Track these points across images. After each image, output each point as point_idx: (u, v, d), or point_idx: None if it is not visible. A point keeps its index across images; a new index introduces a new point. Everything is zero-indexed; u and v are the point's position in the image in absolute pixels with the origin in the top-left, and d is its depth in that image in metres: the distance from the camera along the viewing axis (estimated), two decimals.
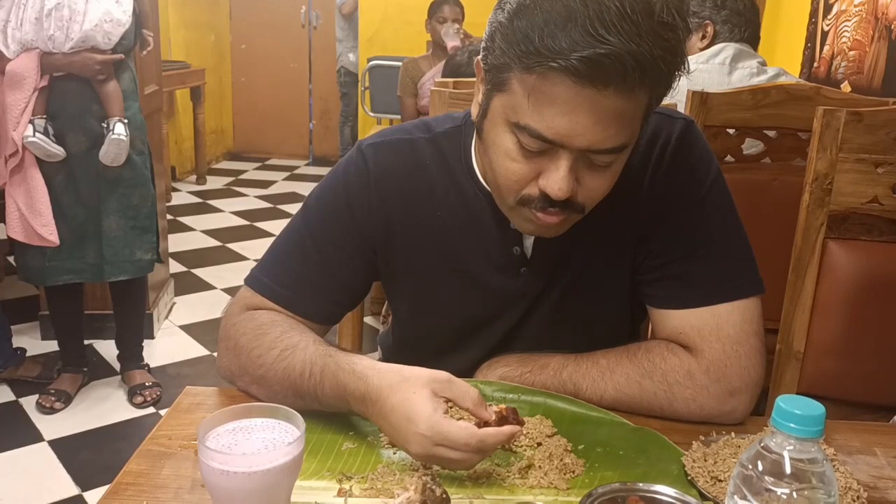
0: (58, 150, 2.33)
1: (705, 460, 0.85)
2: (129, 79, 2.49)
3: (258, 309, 1.03)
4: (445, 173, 1.03)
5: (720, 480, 0.82)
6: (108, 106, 2.37)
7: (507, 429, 0.80)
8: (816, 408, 0.54)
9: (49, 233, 2.36)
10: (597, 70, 0.75)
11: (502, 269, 1.03)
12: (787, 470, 0.54)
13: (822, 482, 0.54)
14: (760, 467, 0.55)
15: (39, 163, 2.35)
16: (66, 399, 2.63)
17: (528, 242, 1.02)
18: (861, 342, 1.41)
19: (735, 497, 0.56)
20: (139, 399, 2.66)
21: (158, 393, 2.71)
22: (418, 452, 0.80)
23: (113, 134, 2.34)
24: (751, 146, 1.79)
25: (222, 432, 0.70)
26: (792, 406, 0.54)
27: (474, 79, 0.95)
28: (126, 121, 2.38)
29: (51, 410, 2.58)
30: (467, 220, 1.02)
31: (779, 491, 0.54)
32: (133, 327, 2.76)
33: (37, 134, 2.28)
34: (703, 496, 0.80)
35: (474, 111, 0.92)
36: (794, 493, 0.53)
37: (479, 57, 0.89)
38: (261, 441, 0.69)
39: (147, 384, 2.71)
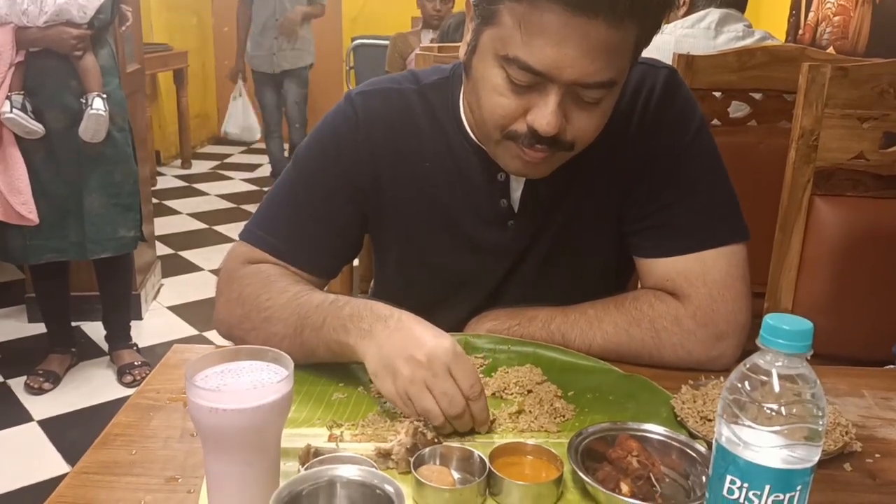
0: (36, 127, 2.30)
1: (694, 401, 0.85)
2: (108, 54, 2.46)
3: (256, 263, 1.02)
4: (433, 124, 1.02)
5: (709, 420, 0.82)
6: (86, 81, 2.34)
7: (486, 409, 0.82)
8: (804, 323, 0.54)
9: (28, 211, 2.34)
10: None
11: (489, 221, 1.03)
12: (776, 387, 0.54)
13: (812, 397, 0.54)
14: (749, 387, 0.55)
15: (18, 140, 2.32)
16: (55, 379, 2.62)
17: (516, 195, 1.02)
18: (848, 298, 1.42)
19: (723, 417, 0.56)
20: (128, 378, 2.65)
21: (148, 372, 2.69)
22: (427, 356, 0.79)
23: (91, 109, 2.31)
24: (737, 109, 1.79)
25: (210, 374, 0.69)
26: (780, 322, 0.54)
27: (460, 43, 0.95)
28: (105, 96, 2.35)
29: (39, 391, 2.57)
30: (454, 171, 1.02)
31: (766, 407, 0.54)
32: (120, 307, 2.74)
33: (14, 110, 2.25)
34: (692, 436, 0.80)
35: (462, 51, 0.92)
36: (783, 409, 0.54)
37: None
38: (250, 382, 0.69)
39: (136, 363, 2.70)
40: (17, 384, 2.63)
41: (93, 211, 2.43)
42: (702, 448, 0.75)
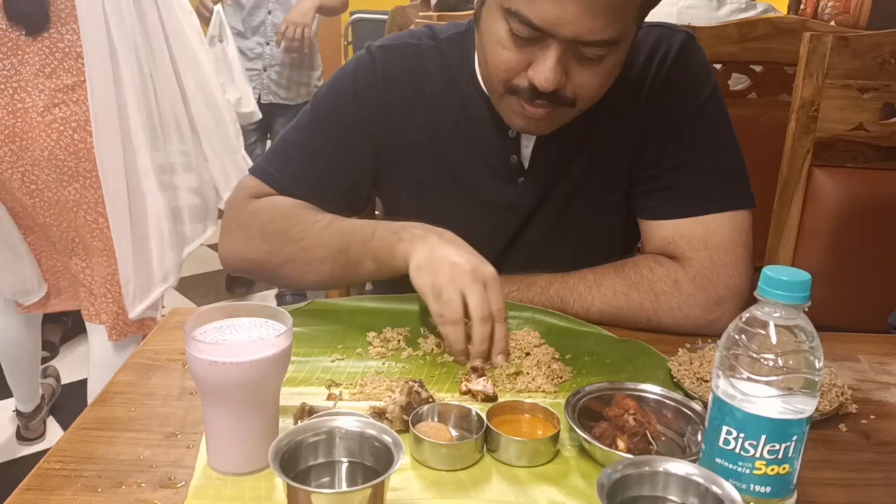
0: None
1: (691, 363, 0.85)
2: None
3: (264, 198, 1.04)
4: (448, 79, 1.03)
5: (706, 381, 0.82)
6: None
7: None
8: (802, 275, 0.54)
9: None
10: None
11: (499, 177, 1.04)
12: (773, 338, 0.54)
13: (810, 348, 0.54)
14: (745, 339, 0.55)
15: None
16: (52, 349, 2.62)
17: (526, 152, 1.02)
18: (846, 269, 1.42)
19: (720, 369, 0.56)
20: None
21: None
22: (469, 266, 0.84)
23: None
24: (737, 82, 1.78)
25: (209, 330, 0.69)
26: (778, 273, 0.54)
27: (463, 12, 0.95)
28: None
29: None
30: (467, 126, 1.03)
31: (763, 358, 0.54)
32: None
33: None
34: (688, 396, 0.81)
35: (476, 4, 0.92)
36: (780, 360, 0.54)
37: None
38: (249, 337, 0.69)
39: None
40: None
41: None
42: (698, 406, 0.75)
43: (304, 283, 1.05)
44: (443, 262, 0.85)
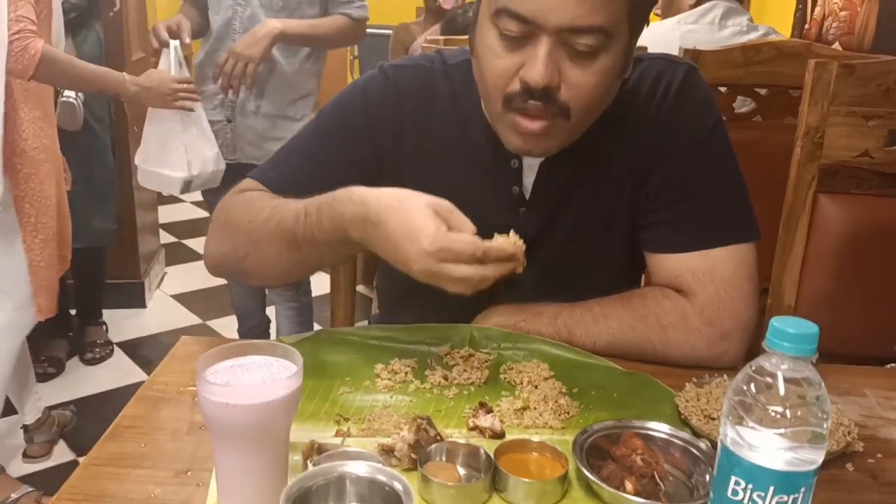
0: None
1: (698, 400, 0.86)
2: (94, 42, 2.43)
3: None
4: (453, 105, 1.04)
5: (713, 419, 0.83)
6: None
7: (509, 247, 0.81)
8: (810, 327, 0.55)
9: None
10: None
11: (501, 207, 1.04)
12: (781, 390, 0.55)
13: (817, 400, 0.55)
14: (754, 389, 0.56)
15: None
16: (59, 365, 2.63)
17: (528, 182, 1.03)
18: (851, 295, 1.42)
19: (729, 418, 0.57)
20: (89, 356, 2.69)
21: (110, 350, 2.76)
22: (422, 270, 0.80)
23: (62, 96, 2.30)
24: (742, 105, 1.79)
25: (220, 369, 0.70)
26: (786, 325, 0.54)
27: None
28: None
29: (44, 377, 2.58)
30: (470, 154, 1.04)
31: (771, 410, 0.54)
32: (89, 287, 2.75)
33: None
34: (695, 434, 0.81)
35: (470, 31, 0.94)
36: (788, 412, 0.54)
37: None
38: (260, 377, 0.69)
39: (99, 341, 2.74)
40: None
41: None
42: (705, 446, 0.75)
43: (269, 281, 1.03)
44: (410, 259, 0.81)
